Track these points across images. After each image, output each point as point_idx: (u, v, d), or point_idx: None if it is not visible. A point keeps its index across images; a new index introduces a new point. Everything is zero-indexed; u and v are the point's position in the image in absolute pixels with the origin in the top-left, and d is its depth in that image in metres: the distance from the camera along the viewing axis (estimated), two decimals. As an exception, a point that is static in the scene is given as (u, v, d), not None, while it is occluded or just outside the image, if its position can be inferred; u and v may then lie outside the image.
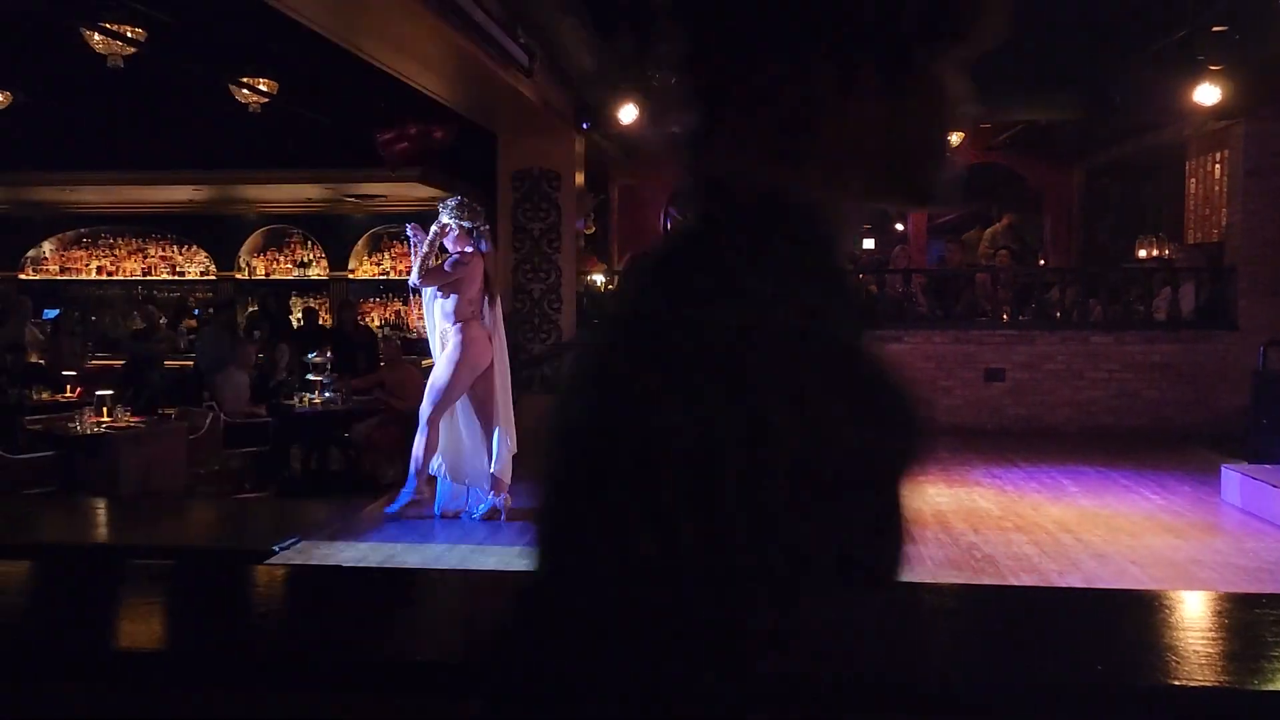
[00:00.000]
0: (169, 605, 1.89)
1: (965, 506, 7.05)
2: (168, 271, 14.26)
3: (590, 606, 0.65)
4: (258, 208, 13.73)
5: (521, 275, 10.41)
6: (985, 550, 5.85)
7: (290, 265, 14.18)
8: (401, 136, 9.80)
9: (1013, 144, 13.28)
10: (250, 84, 9.21)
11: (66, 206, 13.63)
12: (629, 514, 0.64)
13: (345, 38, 6.94)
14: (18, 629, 1.74)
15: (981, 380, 10.64)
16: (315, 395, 9.37)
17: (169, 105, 10.53)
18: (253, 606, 1.86)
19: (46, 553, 5.91)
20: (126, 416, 7.81)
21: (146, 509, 7.09)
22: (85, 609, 1.89)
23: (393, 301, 14.15)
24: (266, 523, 7.27)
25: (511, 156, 10.40)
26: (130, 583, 2.07)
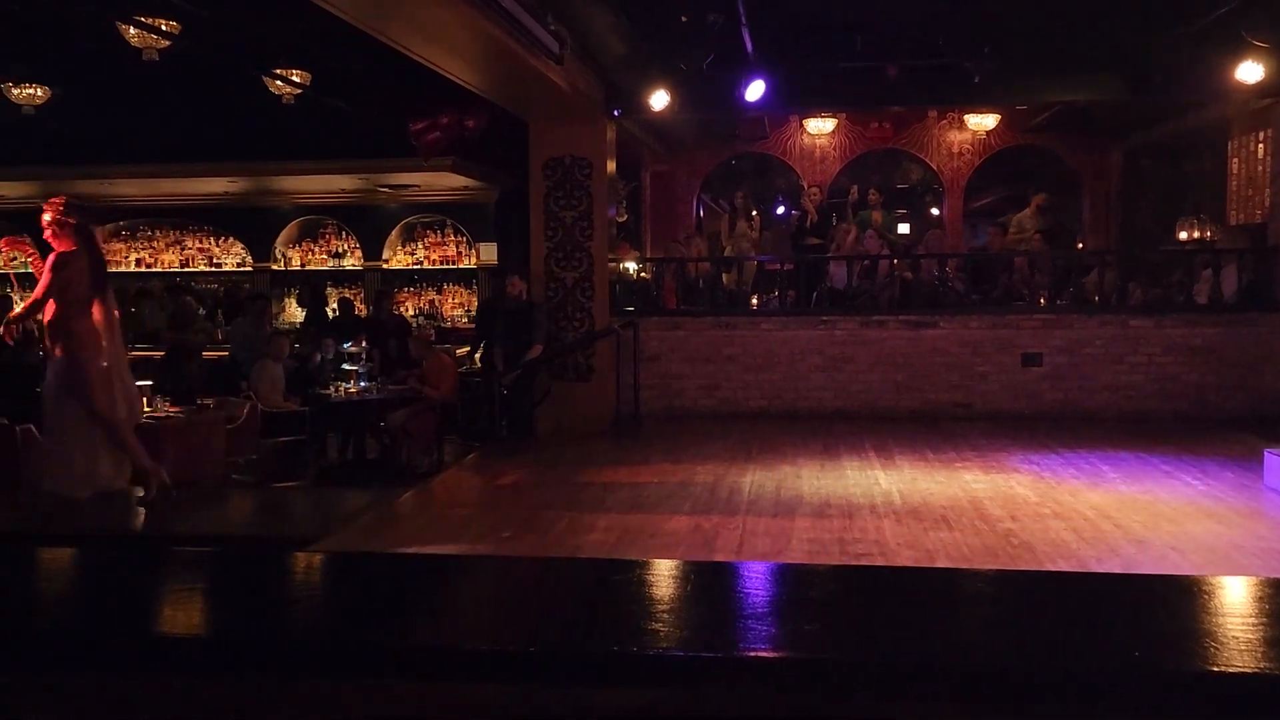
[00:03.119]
0: (208, 592, 1.92)
1: (1002, 493, 6.98)
2: (205, 263, 14.44)
3: None
4: (293, 199, 13.85)
5: (554, 263, 10.42)
6: (1022, 537, 5.79)
7: (325, 256, 14.31)
8: (434, 126, 9.84)
9: (1050, 125, 13.07)
10: (284, 75, 9.28)
11: (106, 200, 13.83)
12: None
13: (376, 27, 6.96)
14: (62, 616, 1.77)
15: (1019, 365, 10.51)
16: (351, 384, 9.46)
17: (204, 98, 10.64)
18: (290, 593, 1.88)
19: (90, 540, 6.02)
20: (166, 406, 7.93)
21: (187, 497, 7.21)
22: (127, 595, 1.92)
23: (426, 291, 14.24)
24: (305, 511, 7.39)
25: (543, 144, 10.40)
26: (172, 570, 2.10)
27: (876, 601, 1.64)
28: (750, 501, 6.79)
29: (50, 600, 1.88)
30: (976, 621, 1.55)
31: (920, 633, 1.44)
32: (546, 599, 1.73)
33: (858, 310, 10.92)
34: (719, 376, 10.78)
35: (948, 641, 1.42)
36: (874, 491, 7.06)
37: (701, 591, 1.74)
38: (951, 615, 1.56)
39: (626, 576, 1.90)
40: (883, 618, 1.53)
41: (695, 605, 1.65)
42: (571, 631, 1.52)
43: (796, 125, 13.83)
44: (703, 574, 1.92)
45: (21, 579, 2.06)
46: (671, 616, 1.58)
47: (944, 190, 14.19)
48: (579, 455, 8.74)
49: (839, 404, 10.59)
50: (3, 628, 1.69)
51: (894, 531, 5.95)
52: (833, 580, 1.92)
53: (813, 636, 1.46)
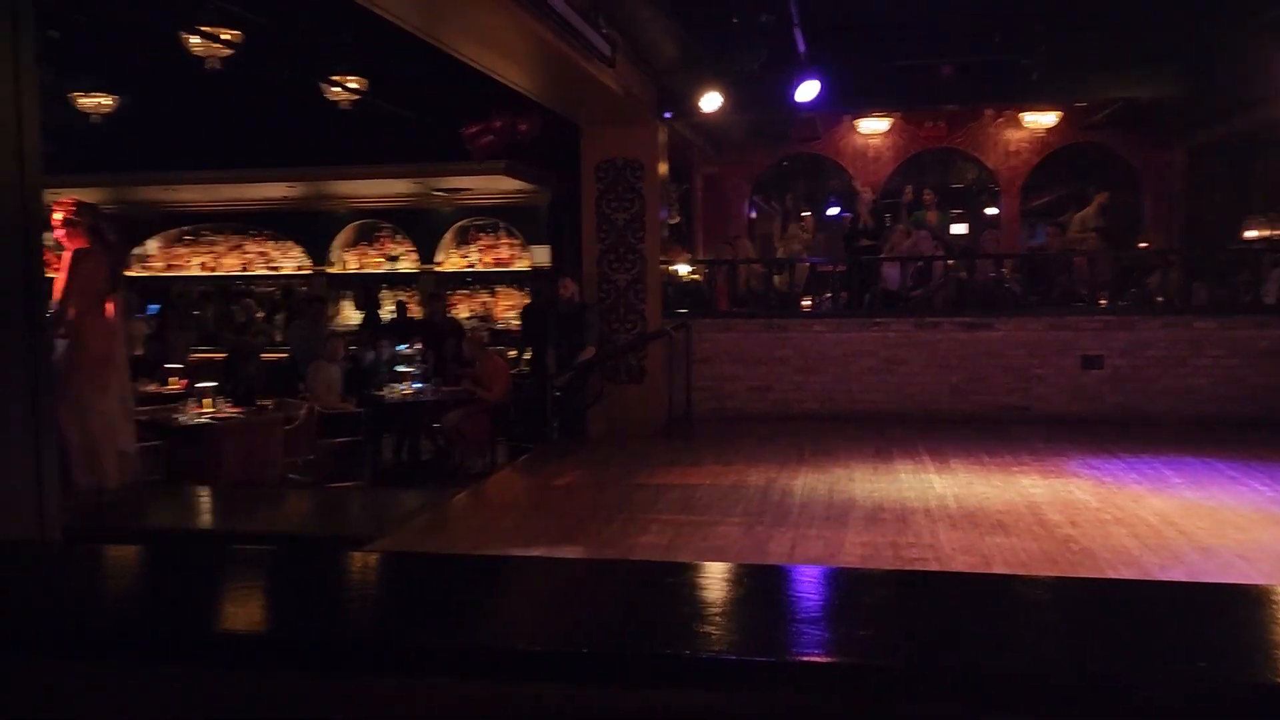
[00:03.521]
0: (265, 590, 1.95)
1: (1061, 498, 6.85)
2: (264, 267, 14.72)
3: None
4: (349, 203, 14.06)
5: (606, 265, 10.46)
6: (1082, 543, 5.67)
7: (381, 259, 14.49)
8: (487, 130, 9.93)
9: (1110, 123, 12.81)
10: (340, 82, 9.43)
11: (170, 206, 14.17)
12: None
13: (431, 33, 7.05)
14: (127, 611, 1.81)
15: (1078, 368, 10.31)
16: (405, 386, 9.58)
17: (264, 105, 10.85)
18: (345, 591, 1.90)
19: (155, 538, 6.17)
20: (227, 407, 8.10)
21: (247, 497, 7.36)
22: (188, 592, 1.97)
23: (479, 293, 14.35)
24: (360, 511, 7.50)
25: (595, 147, 10.44)
26: (230, 567, 2.14)
27: (931, 607, 1.62)
28: (802, 505, 6.74)
29: (113, 597, 1.93)
30: (1033, 629, 1.53)
31: (975, 640, 1.41)
32: (597, 600, 1.74)
33: (911, 312, 10.80)
34: (771, 378, 10.73)
35: (1003, 650, 1.39)
36: (928, 496, 6.97)
37: (753, 595, 1.74)
38: (1008, 623, 1.53)
39: (677, 579, 1.90)
40: (937, 624, 1.51)
41: (746, 608, 1.65)
42: (622, 633, 1.52)
43: (849, 125, 13.72)
44: (754, 577, 1.91)
45: (88, 576, 2.12)
46: (722, 619, 1.58)
47: (1000, 190, 13.98)
48: (631, 457, 8.75)
49: (892, 406, 10.47)
50: (66, 623, 1.74)
51: (949, 537, 5.87)
52: (886, 585, 1.90)
53: (865, 642, 1.45)
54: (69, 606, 1.91)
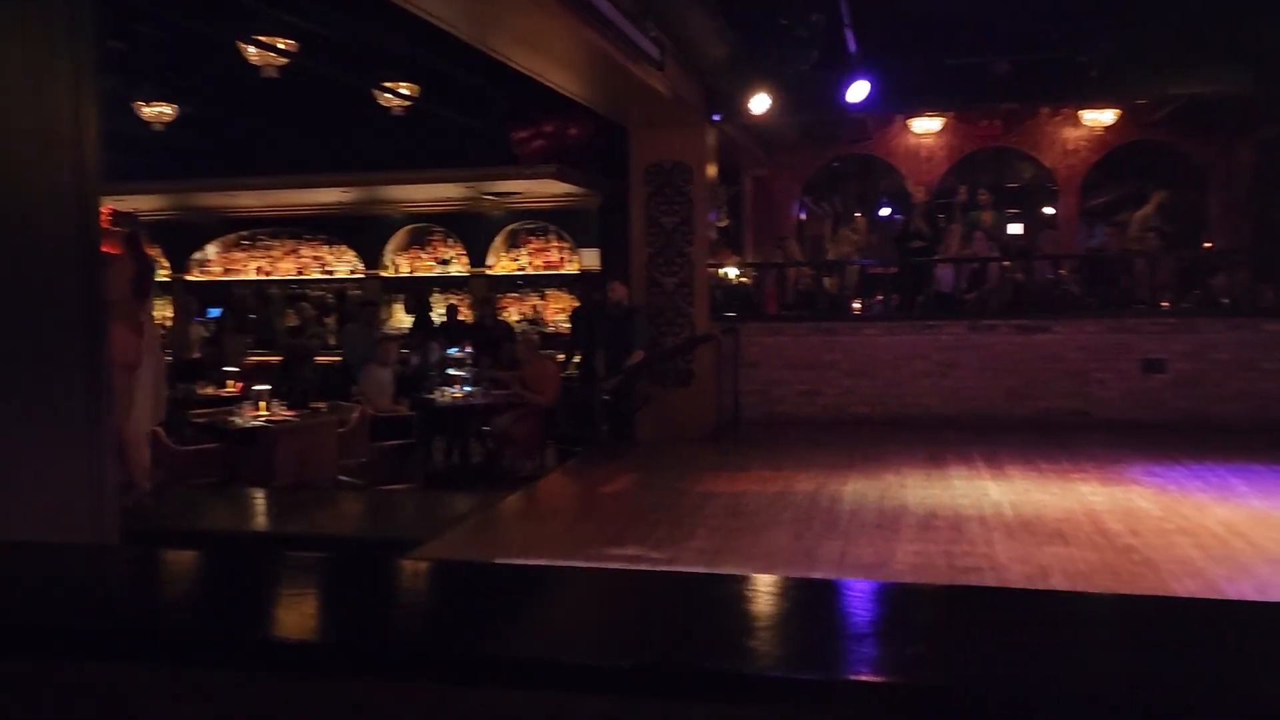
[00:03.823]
0: (314, 596, 1.96)
1: (1122, 506, 6.68)
2: (319, 270, 14.94)
3: None
4: (402, 208, 14.22)
5: (654, 269, 10.44)
6: (1144, 554, 5.52)
7: (432, 262, 14.63)
8: (537, 134, 9.98)
9: (1173, 119, 12.48)
10: (393, 88, 9.54)
11: (228, 211, 14.46)
12: None
13: (481, 40, 7.10)
14: (178, 615, 1.83)
15: (1139, 371, 10.06)
16: (456, 389, 9.65)
17: (318, 112, 11.02)
18: (391, 599, 1.91)
19: (212, 539, 6.28)
20: (282, 410, 8.22)
21: (300, 499, 7.47)
22: (237, 597, 1.98)
23: (530, 296, 14.43)
24: (411, 514, 7.56)
25: (644, 150, 10.43)
26: (278, 571, 2.16)
27: (985, 625, 1.57)
28: (852, 512, 6.66)
29: (166, 601, 1.95)
30: (1093, 651, 1.47)
31: (1032, 662, 1.37)
32: (641, 612, 1.72)
33: (966, 314, 10.63)
34: (820, 382, 10.63)
35: (1061, 672, 1.34)
36: (983, 503, 6.84)
37: (799, 609, 1.70)
38: (1066, 643, 1.48)
39: (724, 592, 1.87)
40: (991, 643, 1.47)
41: (793, 623, 1.62)
42: (666, 646, 1.50)
43: (901, 125, 13.55)
44: (802, 591, 1.87)
45: (143, 580, 2.15)
46: (769, 634, 1.55)
47: (1058, 189, 13.70)
48: (679, 461, 8.72)
49: (946, 411, 10.32)
50: (120, 626, 1.76)
51: (1005, 546, 5.75)
52: (939, 601, 1.85)
53: (916, 661, 1.41)
54: (123, 610, 1.94)
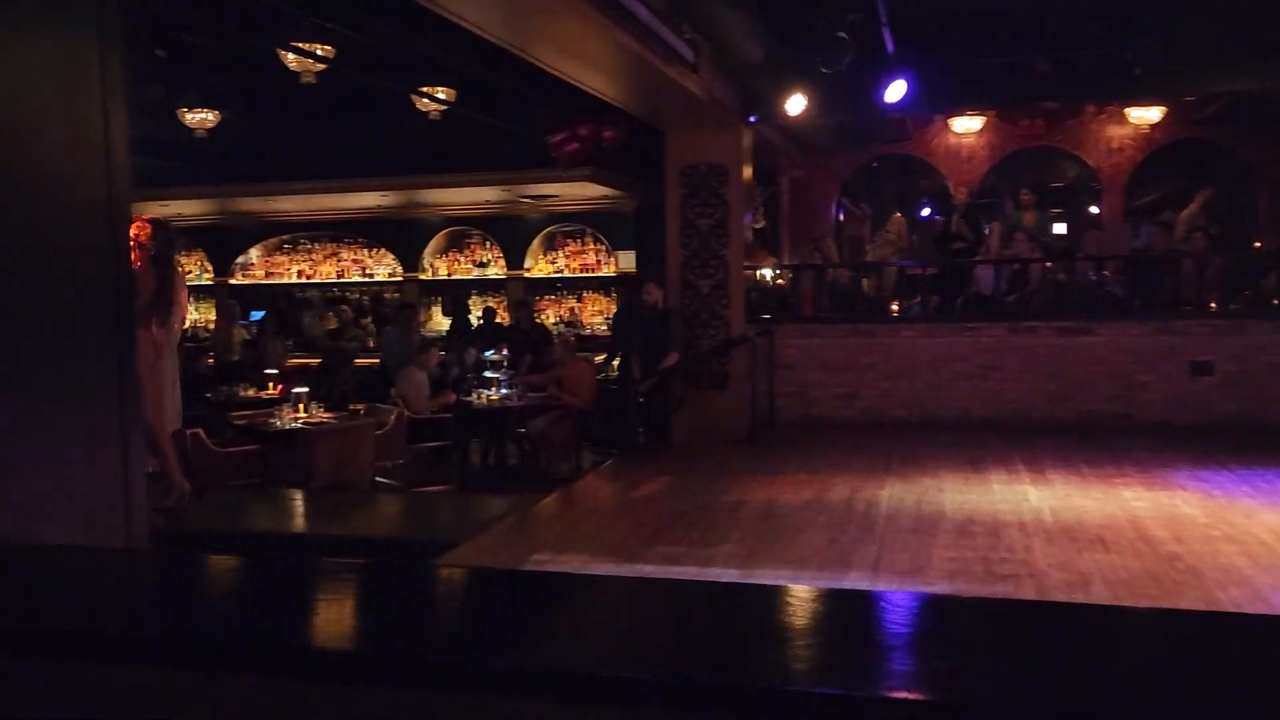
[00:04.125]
0: (337, 603, 1.97)
1: (1166, 512, 6.53)
2: (359, 274, 15.11)
3: None
4: (440, 211, 14.34)
5: (689, 271, 10.41)
6: (1188, 561, 5.39)
7: (470, 265, 14.74)
8: (572, 137, 9.99)
9: (1222, 117, 12.22)
10: (430, 93, 9.61)
11: (270, 216, 14.66)
12: None
13: (517, 44, 7.12)
14: (200, 621, 1.85)
15: (1186, 374, 9.86)
16: (492, 392, 9.69)
17: (357, 117, 11.13)
18: (420, 608, 1.90)
19: (251, 541, 6.35)
20: (320, 412, 8.31)
21: (337, 501, 7.53)
22: (264, 603, 2.00)
23: (567, 298, 14.47)
24: (447, 515, 7.60)
25: (679, 152, 10.40)
26: (302, 579, 2.17)
27: (1024, 641, 1.53)
28: (888, 516, 6.58)
29: (193, 605, 1.97)
30: (1137, 668, 1.42)
31: (1074, 680, 1.32)
32: (673, 623, 1.70)
33: (1006, 316, 10.48)
34: (857, 385, 10.53)
35: (1103, 691, 1.30)
36: (1023, 508, 6.73)
37: (832, 621, 1.68)
38: (1109, 660, 1.43)
39: (754, 602, 1.85)
40: (1029, 659, 1.43)
41: (825, 636, 1.59)
42: (699, 660, 1.49)
43: (941, 124, 13.39)
44: (834, 603, 1.84)
45: (171, 584, 2.17)
46: (799, 647, 1.52)
47: (1102, 188, 13.46)
48: (714, 464, 8.69)
49: (985, 414, 10.18)
50: (148, 631, 1.78)
51: (1044, 552, 5.65)
52: (976, 614, 1.81)
53: (950, 677, 1.37)
54: (149, 614, 1.96)
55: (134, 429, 2.44)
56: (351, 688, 1.57)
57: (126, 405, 2.42)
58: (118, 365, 2.42)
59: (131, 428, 2.42)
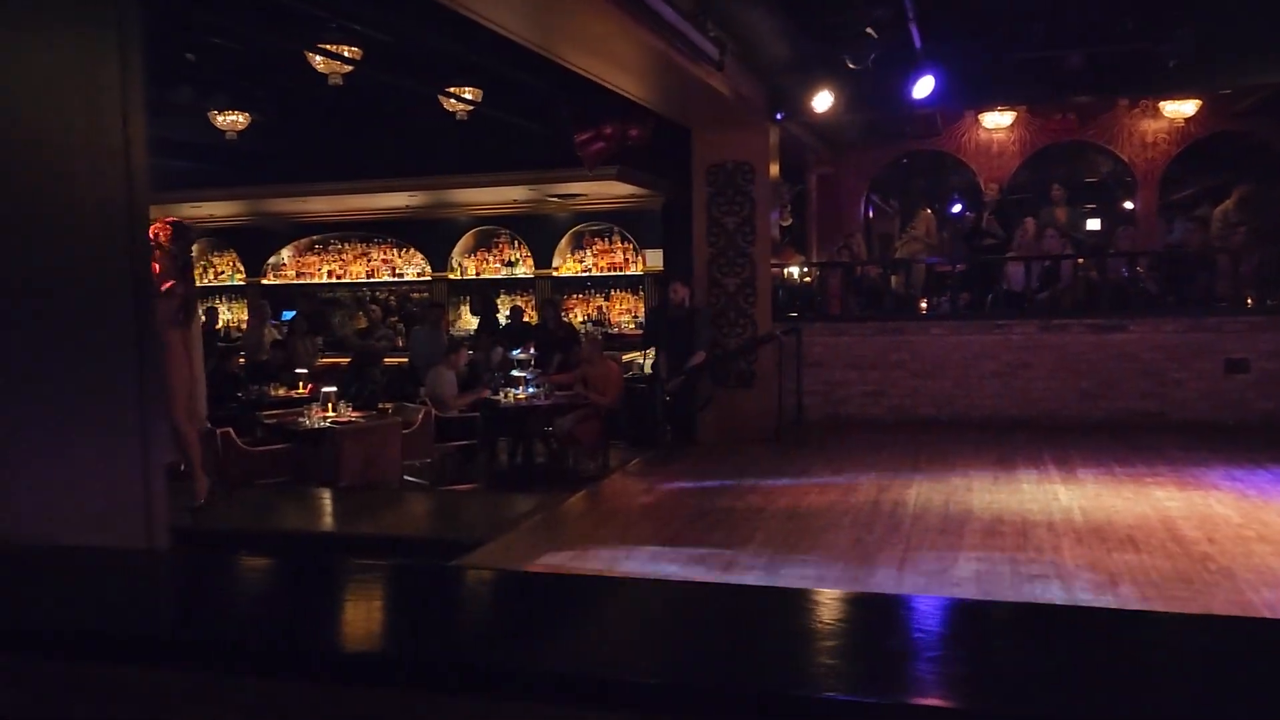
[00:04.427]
0: (351, 606, 1.98)
1: (1199, 512, 6.44)
2: (388, 273, 15.21)
3: None
4: (468, 210, 14.40)
5: (716, 269, 10.38)
6: (1221, 562, 5.31)
7: (499, 264, 14.78)
8: (598, 136, 9.99)
9: (1259, 110, 12.00)
10: (457, 93, 9.65)
11: (300, 217, 14.80)
12: None
13: (542, 44, 7.13)
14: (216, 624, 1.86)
15: (1221, 372, 9.70)
16: (519, 391, 9.72)
17: (385, 118, 11.20)
18: (442, 611, 1.90)
19: (279, 539, 6.42)
20: (348, 412, 8.37)
21: (365, 500, 7.59)
22: (279, 606, 2.01)
23: (595, 297, 14.48)
24: (475, 514, 7.64)
25: (705, 151, 10.38)
26: (318, 581, 2.18)
27: (1052, 647, 1.51)
28: (915, 516, 6.53)
29: (211, 607, 1.99)
30: (1166, 676, 1.39)
31: (1103, 688, 1.29)
32: (697, 627, 1.69)
33: (1037, 313, 10.36)
34: (885, 383, 10.46)
35: (1132, 700, 1.27)
36: (1052, 507, 6.66)
37: (859, 626, 1.66)
38: (1138, 668, 1.40)
39: (776, 606, 1.83)
40: (1057, 666, 1.40)
41: (851, 642, 1.57)
42: (719, 664, 1.47)
43: (972, 120, 13.27)
44: (861, 607, 1.82)
45: (190, 586, 2.19)
46: (825, 653, 1.51)
47: (1136, 183, 13.27)
48: (740, 462, 8.67)
49: (1015, 412, 10.07)
50: (165, 632, 1.80)
51: (1073, 552, 5.58)
52: (1003, 619, 1.78)
53: (979, 684, 1.36)
54: (165, 616, 1.98)
55: (154, 429, 2.47)
56: (359, 690, 1.58)
57: (146, 405, 2.44)
58: (137, 365, 2.44)
59: (152, 428, 2.45)
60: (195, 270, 15.59)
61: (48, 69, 2.16)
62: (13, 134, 2.15)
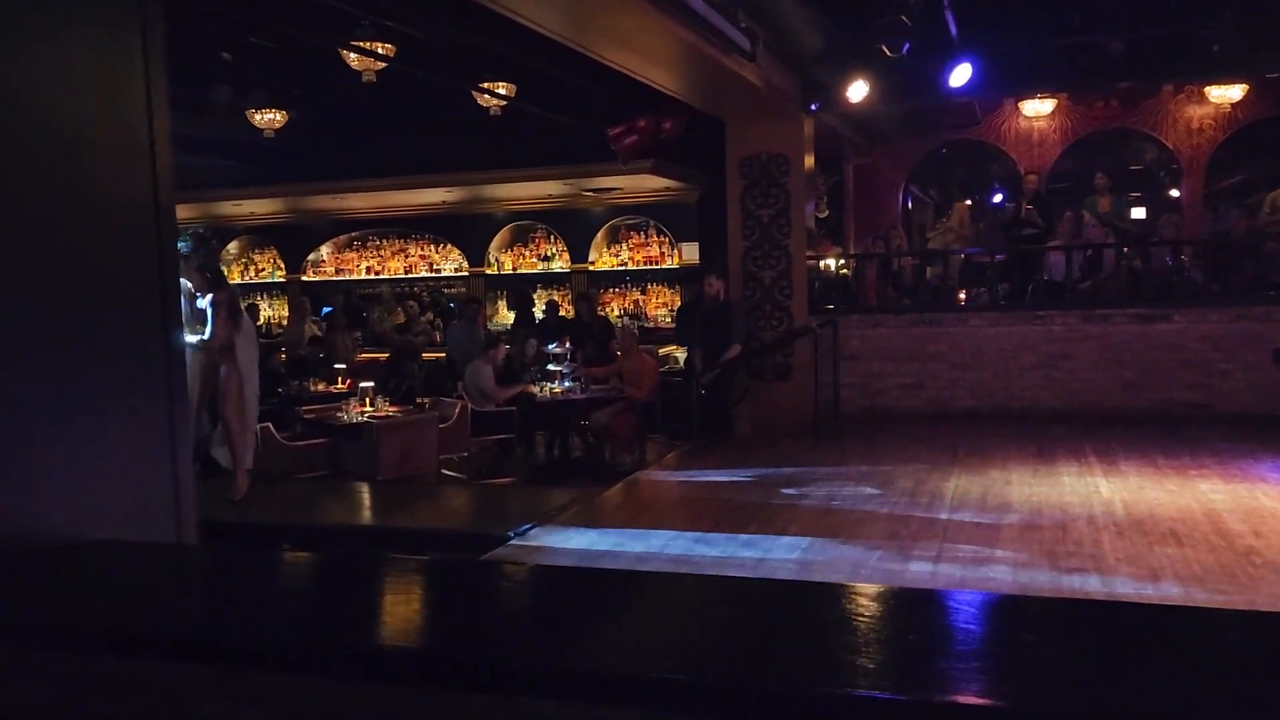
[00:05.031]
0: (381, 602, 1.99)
1: (1245, 505, 6.29)
2: (426, 269, 15.32)
3: None
4: (504, 205, 14.46)
5: (751, 262, 10.33)
6: (1267, 556, 5.19)
7: (535, 259, 14.83)
8: (631, 130, 9.97)
9: (1310, 93, 11.70)
10: (490, 88, 9.68)
11: (339, 214, 14.95)
12: None
13: (574, 38, 7.14)
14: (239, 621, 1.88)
15: (1269, 363, 9.46)
16: (556, 385, 9.75)
17: (420, 114, 11.27)
18: (475, 607, 1.90)
19: (318, 533, 6.49)
20: (386, 406, 8.45)
21: (402, 493, 7.66)
22: (306, 603, 2.03)
23: (631, 291, 14.48)
24: (511, 508, 7.68)
25: (739, 143, 10.33)
26: (344, 576, 2.20)
27: (1091, 643, 1.47)
28: (953, 508, 6.46)
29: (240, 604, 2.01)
30: (1209, 672, 1.35)
31: (1143, 684, 1.26)
32: (731, 624, 1.68)
33: (1079, 303, 10.19)
34: (923, 375, 10.35)
35: (1173, 697, 1.24)
36: (1093, 500, 6.55)
37: (895, 623, 1.64)
38: (1179, 664, 1.37)
39: (815, 601, 1.81)
40: (1097, 663, 1.37)
41: (888, 638, 1.55)
42: (754, 661, 1.46)
43: (1012, 108, 13.06)
44: (897, 602, 1.80)
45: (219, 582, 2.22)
46: (862, 650, 1.48)
47: (1181, 170, 13.00)
48: (776, 455, 8.63)
49: (1056, 404, 9.92)
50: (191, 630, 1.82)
51: (1114, 545, 5.49)
52: (1042, 615, 1.75)
53: (1018, 681, 1.33)
54: (196, 611, 2.01)
55: (182, 426, 2.50)
56: (386, 688, 1.58)
57: (175, 402, 2.47)
58: (165, 363, 2.48)
59: (179, 425, 2.48)
60: (237, 267, 15.88)
61: (74, 71, 2.20)
62: (42, 135, 2.19)
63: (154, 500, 2.46)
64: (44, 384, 2.26)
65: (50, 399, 2.24)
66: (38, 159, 2.26)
